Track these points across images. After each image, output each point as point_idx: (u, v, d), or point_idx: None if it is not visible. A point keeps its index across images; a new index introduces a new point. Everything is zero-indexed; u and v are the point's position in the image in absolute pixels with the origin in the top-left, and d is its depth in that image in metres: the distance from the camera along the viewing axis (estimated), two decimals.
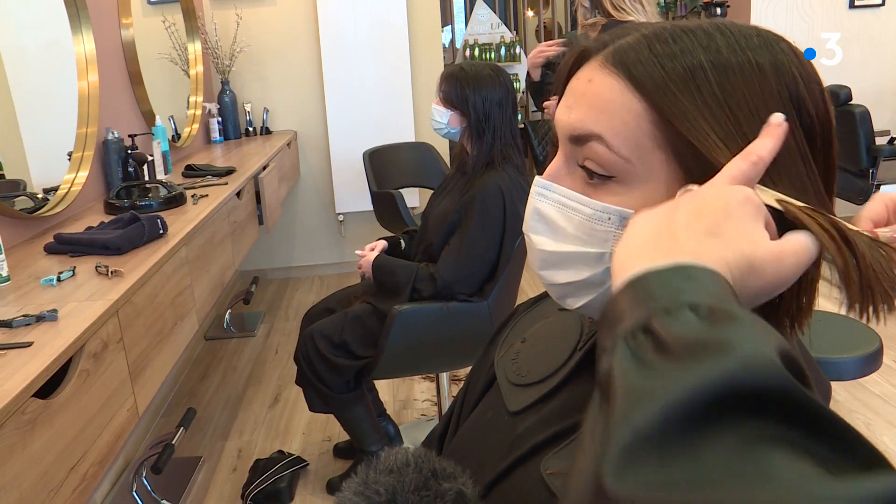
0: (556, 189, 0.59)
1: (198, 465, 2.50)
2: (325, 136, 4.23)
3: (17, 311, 1.38)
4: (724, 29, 0.55)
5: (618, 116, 0.54)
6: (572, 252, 0.57)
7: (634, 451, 0.31)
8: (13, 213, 1.92)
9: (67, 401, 1.24)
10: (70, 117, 2.36)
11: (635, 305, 0.38)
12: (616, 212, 0.55)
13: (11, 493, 1.05)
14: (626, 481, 0.30)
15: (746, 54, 0.53)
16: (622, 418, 0.32)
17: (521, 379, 0.71)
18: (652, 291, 0.39)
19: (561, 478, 0.57)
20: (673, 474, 0.30)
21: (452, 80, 2.14)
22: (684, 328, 0.35)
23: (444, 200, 2.23)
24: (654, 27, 0.57)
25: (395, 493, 0.55)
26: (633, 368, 0.35)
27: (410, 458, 0.57)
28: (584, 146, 0.56)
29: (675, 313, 0.36)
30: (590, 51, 0.59)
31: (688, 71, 0.53)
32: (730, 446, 0.31)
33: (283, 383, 3.10)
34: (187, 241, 1.97)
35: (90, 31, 2.40)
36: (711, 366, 0.32)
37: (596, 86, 0.56)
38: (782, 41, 0.55)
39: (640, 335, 0.36)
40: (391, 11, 4.06)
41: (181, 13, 3.66)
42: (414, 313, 2.09)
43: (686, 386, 0.32)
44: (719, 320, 0.35)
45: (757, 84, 0.52)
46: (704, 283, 0.39)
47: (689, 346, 0.34)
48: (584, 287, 0.58)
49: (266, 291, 4.25)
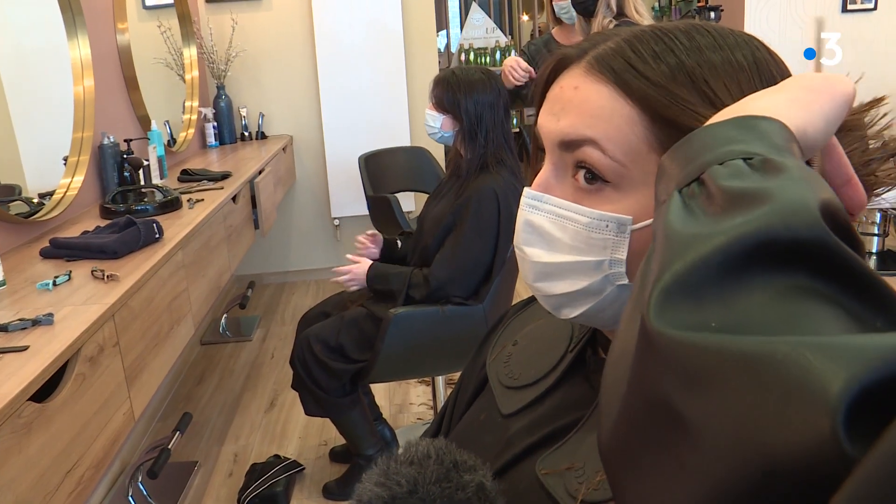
0: (547, 199, 0.58)
1: (194, 470, 2.50)
2: (320, 141, 4.24)
3: (13, 315, 1.38)
4: (702, 29, 0.55)
5: (611, 122, 0.54)
6: (569, 262, 0.57)
7: (673, 294, 0.32)
8: (9, 218, 1.92)
9: (63, 404, 1.24)
10: (66, 122, 2.36)
11: (693, 157, 0.39)
12: (614, 219, 0.54)
13: (7, 497, 1.05)
14: (664, 319, 0.31)
15: (726, 52, 0.54)
16: (666, 264, 0.33)
17: (513, 381, 0.71)
18: (710, 143, 0.39)
19: (555, 477, 0.58)
20: (706, 318, 0.31)
21: (444, 85, 2.15)
22: (734, 179, 0.36)
23: (440, 204, 2.24)
24: (631, 31, 0.57)
25: (416, 484, 0.55)
26: (680, 219, 0.36)
27: (432, 449, 0.58)
28: (576, 151, 0.56)
29: (727, 164, 0.37)
30: (570, 58, 0.59)
31: (675, 70, 0.53)
32: (763, 296, 0.31)
33: (279, 387, 3.10)
34: (183, 246, 1.97)
35: (86, 36, 2.40)
36: (750, 216, 0.33)
37: (584, 92, 0.56)
38: (755, 39, 0.56)
39: (694, 186, 0.37)
40: (386, 16, 4.07)
41: (177, 18, 3.66)
42: (409, 317, 2.09)
43: (724, 236, 0.33)
44: (769, 171, 0.36)
45: (739, 80, 0.53)
46: (765, 133, 0.39)
47: (734, 196, 0.34)
48: (581, 296, 0.57)
49: (262, 296, 4.25)
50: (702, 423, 0.29)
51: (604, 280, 0.56)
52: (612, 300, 0.57)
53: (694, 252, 0.33)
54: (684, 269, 0.32)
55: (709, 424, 0.29)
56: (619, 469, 0.35)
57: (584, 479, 0.55)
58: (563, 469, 0.58)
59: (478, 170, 2.12)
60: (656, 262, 0.35)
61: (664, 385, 0.31)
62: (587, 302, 0.57)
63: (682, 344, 0.30)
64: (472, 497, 0.55)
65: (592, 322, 0.61)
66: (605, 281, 0.56)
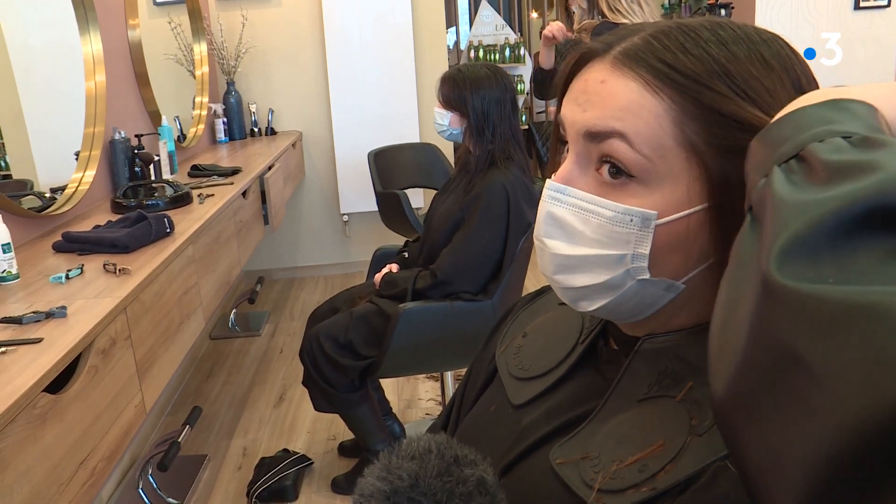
0: (571, 192, 0.58)
1: (203, 463, 2.52)
2: (329, 137, 4.25)
3: (27, 308, 1.40)
4: (725, 25, 0.56)
5: (639, 116, 0.54)
6: (591, 255, 0.57)
7: (792, 253, 0.34)
8: (22, 212, 1.93)
9: (77, 396, 1.25)
10: (77, 117, 2.38)
11: (790, 135, 0.41)
12: (638, 213, 0.55)
13: (24, 487, 1.06)
14: (786, 273, 0.34)
15: (752, 47, 0.54)
16: (781, 227, 0.35)
17: (524, 373, 0.72)
18: (807, 122, 0.41)
19: (570, 467, 0.58)
20: (825, 273, 0.33)
21: (450, 82, 2.16)
22: (836, 154, 0.37)
23: (448, 200, 2.25)
24: (656, 27, 0.57)
25: (417, 478, 0.55)
26: (787, 189, 0.37)
27: (433, 444, 0.58)
28: (602, 143, 0.56)
29: (827, 141, 0.38)
30: (594, 52, 0.59)
31: (705, 62, 0.54)
32: (876, 256, 0.33)
33: (288, 382, 3.11)
34: (194, 240, 1.98)
35: (97, 32, 2.42)
36: (859, 183, 0.34)
37: (611, 86, 0.56)
38: (780, 38, 0.57)
39: (794, 162, 0.39)
40: (396, 12, 4.08)
41: (187, 14, 3.68)
42: (419, 312, 2.10)
43: (838, 200, 0.34)
44: (870, 146, 0.37)
45: (768, 75, 0.54)
46: (859, 115, 0.41)
47: (839, 168, 0.36)
48: (602, 290, 0.58)
49: (271, 291, 4.27)
50: (831, 368, 0.31)
51: (625, 274, 0.56)
52: (632, 294, 0.57)
53: (808, 216, 0.35)
54: (802, 230, 0.35)
55: (838, 369, 0.31)
56: (742, 422, 0.37)
57: (600, 469, 0.56)
58: (577, 458, 0.58)
59: (486, 165, 2.13)
60: (769, 228, 0.37)
61: (790, 334, 0.33)
62: (607, 295, 0.58)
63: (808, 295, 0.32)
64: (473, 491, 0.56)
65: (611, 315, 0.61)
66: (627, 275, 0.56)
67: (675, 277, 0.57)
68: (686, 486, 0.50)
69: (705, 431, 0.52)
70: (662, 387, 0.57)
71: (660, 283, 0.57)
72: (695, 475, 0.50)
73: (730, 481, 0.49)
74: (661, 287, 0.57)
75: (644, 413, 0.57)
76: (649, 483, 0.52)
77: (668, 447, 0.53)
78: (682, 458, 0.52)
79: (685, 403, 0.55)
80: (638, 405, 0.58)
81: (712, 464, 0.50)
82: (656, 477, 0.52)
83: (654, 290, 0.57)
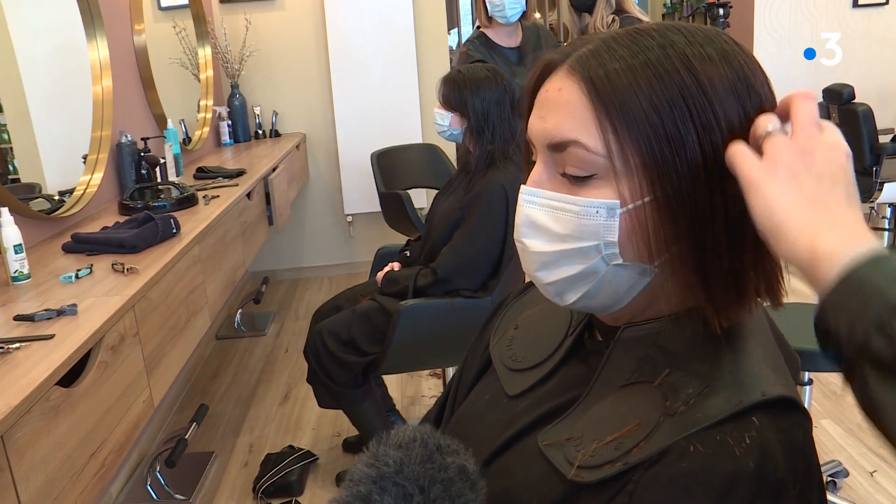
0: (542, 194, 0.63)
1: (210, 460, 2.56)
2: (333, 139, 4.29)
3: (39, 306, 1.44)
4: (674, 28, 0.61)
5: (589, 121, 0.59)
6: (567, 249, 0.62)
7: None
8: (33, 214, 1.98)
9: (88, 390, 1.30)
10: (85, 121, 2.42)
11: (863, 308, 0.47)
12: (603, 204, 0.59)
13: (38, 475, 1.11)
14: None
15: (698, 47, 0.59)
16: None
17: (517, 364, 0.76)
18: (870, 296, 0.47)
19: (556, 448, 0.62)
20: None
21: (451, 84, 2.20)
22: None
23: (449, 200, 2.29)
24: (610, 33, 0.63)
25: (402, 465, 0.60)
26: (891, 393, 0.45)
27: (417, 434, 0.62)
28: (563, 153, 0.61)
29: None
30: (555, 61, 0.64)
31: (649, 64, 0.59)
32: None
33: (293, 381, 3.16)
34: (200, 240, 2.03)
35: (104, 37, 2.47)
36: None
37: (566, 93, 0.61)
38: (723, 34, 0.62)
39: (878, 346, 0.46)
40: (398, 14, 4.12)
41: (191, 19, 3.72)
42: (420, 309, 2.14)
43: None
44: None
45: (711, 70, 0.58)
46: None
47: None
48: (579, 279, 0.62)
49: (276, 291, 4.31)
50: None
51: (600, 261, 0.61)
52: (609, 279, 0.62)
53: None
54: None
55: None
56: None
57: (581, 448, 0.60)
58: (563, 440, 0.63)
59: (486, 165, 2.17)
60: None
61: None
62: (585, 284, 0.62)
63: None
64: (454, 477, 0.60)
65: (589, 307, 0.66)
66: (601, 262, 0.61)
67: (647, 262, 0.61)
68: (656, 460, 0.55)
69: (676, 412, 0.57)
70: (642, 373, 0.62)
71: (633, 268, 0.62)
72: (664, 450, 0.55)
73: (695, 456, 0.53)
74: (636, 272, 0.62)
75: (624, 397, 0.62)
76: (623, 458, 0.57)
77: (643, 426, 0.58)
78: (654, 435, 0.56)
79: (661, 388, 0.60)
80: (620, 390, 0.63)
81: (680, 440, 0.54)
82: (630, 453, 0.57)
83: (629, 275, 0.62)
